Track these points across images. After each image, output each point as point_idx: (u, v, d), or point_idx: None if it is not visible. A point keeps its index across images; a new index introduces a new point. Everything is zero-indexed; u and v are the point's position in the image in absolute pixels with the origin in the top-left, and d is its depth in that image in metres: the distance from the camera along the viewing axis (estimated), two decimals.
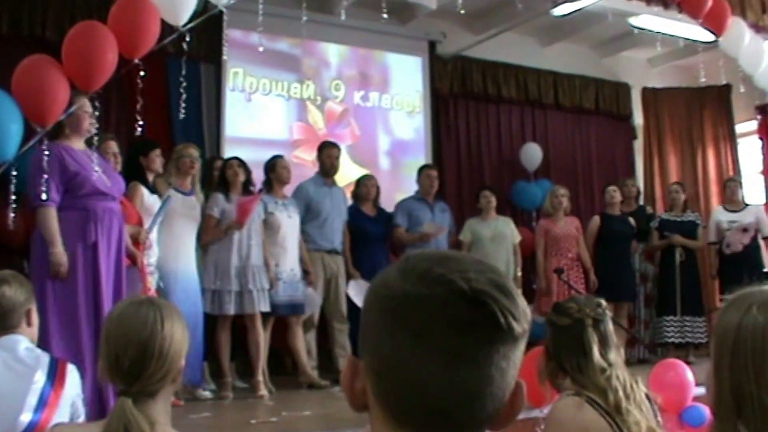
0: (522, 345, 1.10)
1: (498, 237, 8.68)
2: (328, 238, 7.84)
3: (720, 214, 9.47)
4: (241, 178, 7.15)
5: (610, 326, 2.99)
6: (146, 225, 6.26)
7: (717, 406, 1.66)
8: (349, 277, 7.92)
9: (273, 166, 7.57)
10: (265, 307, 6.99)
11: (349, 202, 8.36)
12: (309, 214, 7.71)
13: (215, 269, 6.91)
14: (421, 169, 8.95)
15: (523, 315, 1.09)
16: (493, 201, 8.84)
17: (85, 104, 5.23)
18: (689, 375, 5.31)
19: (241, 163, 7.25)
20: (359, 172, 9.25)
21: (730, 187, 9.68)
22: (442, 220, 8.64)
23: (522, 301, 1.10)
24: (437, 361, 1.05)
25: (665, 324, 9.04)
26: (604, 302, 3.02)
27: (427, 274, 1.08)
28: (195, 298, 6.69)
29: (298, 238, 7.54)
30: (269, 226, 7.30)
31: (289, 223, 7.43)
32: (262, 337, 6.99)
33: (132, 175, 6.44)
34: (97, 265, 5.12)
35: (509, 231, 8.81)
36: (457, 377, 1.06)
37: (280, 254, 7.32)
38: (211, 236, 6.96)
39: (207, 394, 6.74)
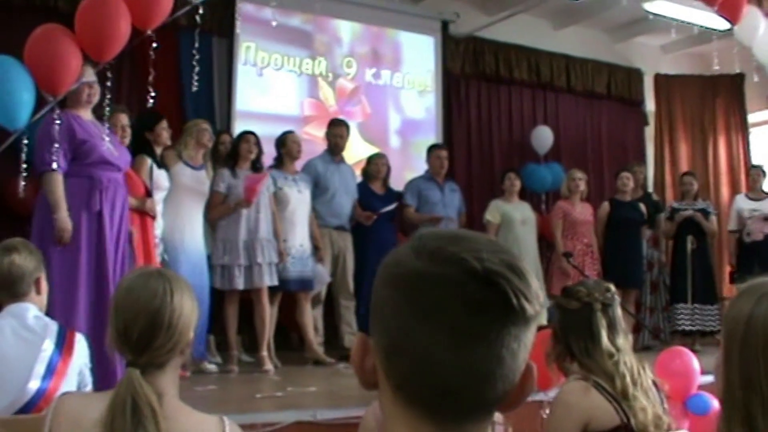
0: (534, 327, 1.10)
1: (527, 220, 8.73)
2: (336, 214, 7.84)
3: (742, 202, 9.41)
4: (253, 155, 7.15)
5: (619, 311, 2.99)
6: (156, 196, 6.28)
7: (726, 396, 1.65)
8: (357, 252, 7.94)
9: (283, 141, 7.58)
10: (273, 281, 6.99)
11: (359, 179, 8.34)
12: (317, 191, 7.69)
13: (224, 244, 6.92)
14: (431, 149, 8.92)
15: (536, 296, 1.08)
16: (517, 184, 8.87)
17: (86, 74, 5.22)
18: (695, 363, 5.30)
19: (257, 139, 7.24)
20: (369, 150, 9.24)
21: (752, 175, 9.63)
22: (452, 200, 8.62)
23: (535, 283, 1.09)
24: (447, 340, 1.05)
25: (677, 311, 9.03)
26: (613, 287, 3.02)
27: (440, 252, 1.07)
28: (200, 271, 6.70)
29: (309, 214, 7.53)
30: (278, 201, 7.30)
31: (299, 198, 7.42)
32: (268, 312, 6.99)
33: (139, 149, 6.44)
34: (102, 234, 5.14)
35: (532, 215, 8.86)
36: (467, 358, 1.05)
37: (288, 229, 7.31)
38: (219, 213, 6.97)
39: (212, 367, 6.76)
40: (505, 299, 1.04)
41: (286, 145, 7.55)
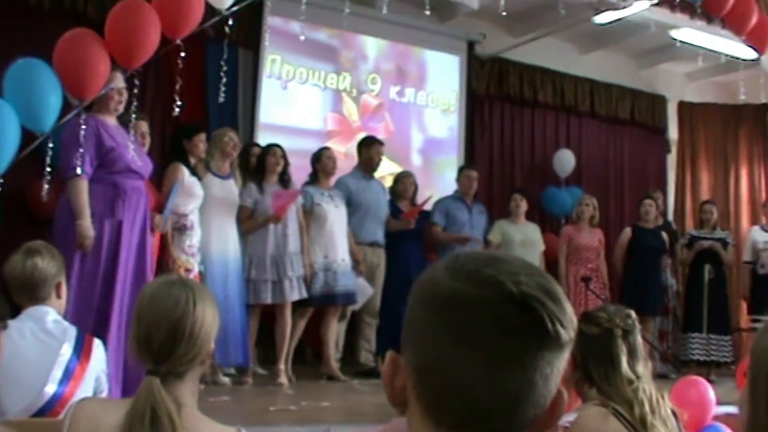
0: (567, 352, 1.09)
1: (528, 242, 8.65)
2: (369, 230, 7.85)
3: (757, 234, 9.40)
4: (280, 168, 7.15)
5: (639, 338, 2.97)
6: (190, 205, 6.31)
7: (751, 430, 1.63)
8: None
9: (318, 157, 7.60)
10: (300, 296, 6.98)
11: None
12: (350, 208, 7.68)
13: (250, 259, 6.92)
14: (461, 170, 8.98)
15: (570, 322, 1.08)
16: (523, 205, 8.81)
17: (117, 81, 5.25)
18: (711, 393, 5.26)
19: (283, 152, 7.24)
20: (391, 167, 9.24)
21: None
22: (479, 222, 8.64)
23: (569, 308, 1.09)
24: (481, 363, 1.04)
25: (691, 341, 8.98)
26: (633, 313, 3.00)
27: (477, 274, 1.07)
28: (231, 281, 6.70)
29: (347, 229, 7.54)
30: (316, 218, 7.30)
31: (337, 213, 7.43)
32: (289, 326, 6.98)
33: (174, 157, 6.47)
34: (120, 243, 5.15)
35: (537, 238, 8.79)
36: (500, 381, 1.05)
37: (329, 245, 7.30)
38: (247, 227, 6.98)
39: (225, 379, 6.75)
40: (541, 324, 1.04)
41: (320, 160, 7.56)
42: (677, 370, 8.61)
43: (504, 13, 7.86)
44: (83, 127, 4.99)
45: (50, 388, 3.09)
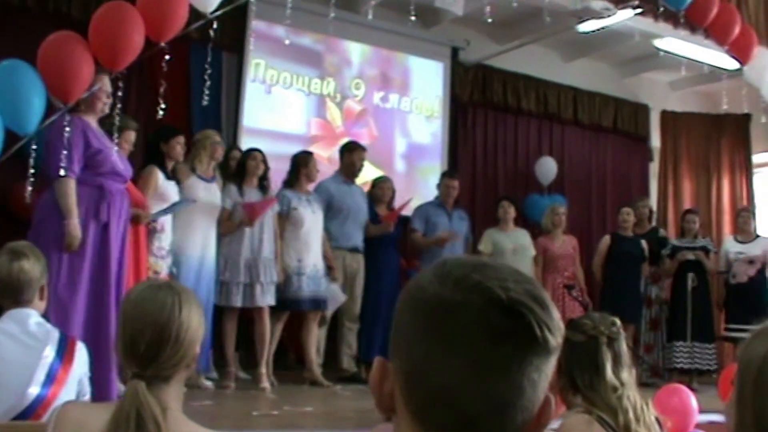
0: (554, 358, 1.10)
1: (519, 249, 8.65)
2: (349, 235, 7.82)
3: (729, 244, 9.45)
4: (260, 172, 7.14)
5: (624, 345, 2.97)
6: (153, 210, 6.24)
7: None
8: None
9: (306, 162, 7.54)
10: (270, 302, 6.96)
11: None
12: (330, 213, 7.68)
13: (225, 260, 6.90)
14: (442, 177, 8.98)
15: (558, 328, 1.08)
16: (511, 212, 8.82)
17: (105, 84, 5.23)
18: (693, 401, 5.28)
19: (264, 157, 7.23)
20: (374, 172, 9.22)
21: (742, 217, 9.65)
22: (460, 228, 8.62)
23: (557, 314, 1.09)
24: (469, 369, 1.04)
25: (675, 349, 9.01)
26: (618, 321, 3.01)
27: (464, 280, 1.07)
28: (208, 285, 6.68)
29: (322, 234, 7.51)
30: (292, 222, 7.27)
31: (313, 218, 7.40)
32: (268, 330, 6.95)
33: (150, 160, 6.44)
34: (107, 245, 5.12)
35: (528, 243, 8.79)
36: (488, 387, 1.05)
37: (303, 250, 7.27)
38: (225, 228, 6.96)
39: (209, 383, 6.73)
40: (529, 330, 1.05)
41: (308, 165, 7.51)
42: (662, 378, 8.64)
43: (489, 20, 7.88)
44: (67, 128, 4.95)
45: (33, 390, 3.07)
